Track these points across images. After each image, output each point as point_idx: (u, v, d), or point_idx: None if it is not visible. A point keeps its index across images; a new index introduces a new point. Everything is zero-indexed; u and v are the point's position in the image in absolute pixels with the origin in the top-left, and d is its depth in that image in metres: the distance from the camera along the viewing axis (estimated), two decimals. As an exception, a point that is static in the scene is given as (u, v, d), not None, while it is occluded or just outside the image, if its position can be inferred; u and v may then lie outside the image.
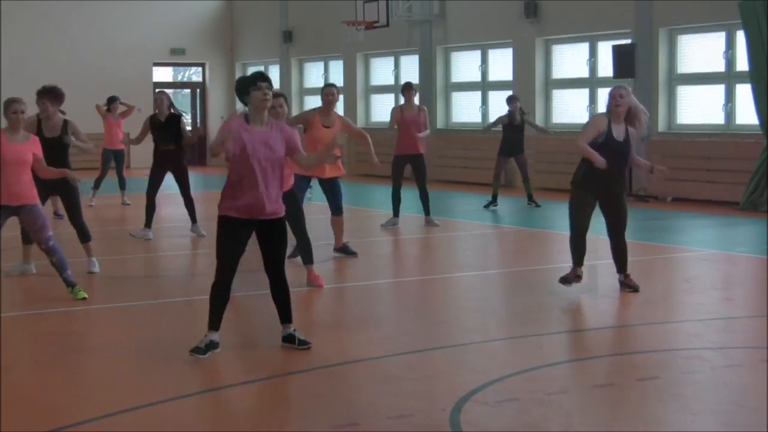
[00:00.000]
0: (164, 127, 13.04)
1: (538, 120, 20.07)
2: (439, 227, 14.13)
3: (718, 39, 17.51)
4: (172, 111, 13.18)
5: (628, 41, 18.11)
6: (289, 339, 7.30)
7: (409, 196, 16.06)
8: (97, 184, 17.51)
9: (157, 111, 13.22)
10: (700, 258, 11.55)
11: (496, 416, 5.84)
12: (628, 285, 9.31)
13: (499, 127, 17.03)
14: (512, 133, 16.76)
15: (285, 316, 7.34)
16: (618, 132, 9.00)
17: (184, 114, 13.80)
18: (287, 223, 7.51)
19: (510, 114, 16.80)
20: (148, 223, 13.08)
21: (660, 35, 17.96)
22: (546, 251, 12.23)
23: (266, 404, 6.26)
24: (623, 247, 9.33)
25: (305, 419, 5.77)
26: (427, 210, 14.35)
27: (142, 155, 13.84)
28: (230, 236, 7.09)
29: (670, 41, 18.10)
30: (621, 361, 6.93)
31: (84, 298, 9.09)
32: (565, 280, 9.32)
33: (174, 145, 13.00)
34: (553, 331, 8.00)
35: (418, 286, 10.16)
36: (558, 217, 15.23)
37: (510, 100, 17.05)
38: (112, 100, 18.09)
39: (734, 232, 13.86)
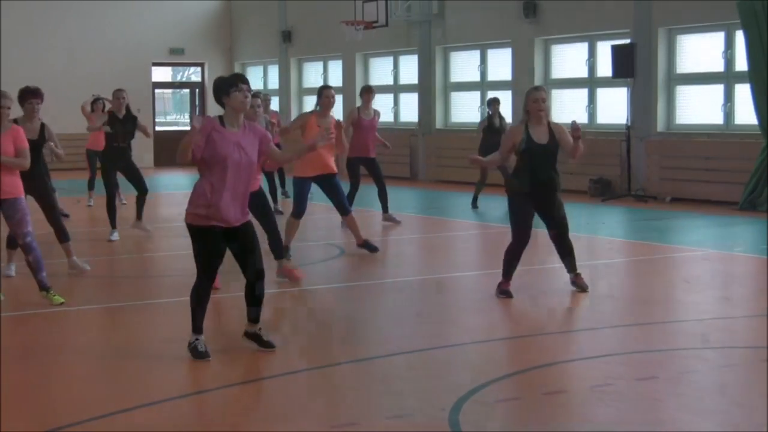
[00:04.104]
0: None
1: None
2: (399, 223, 14.37)
3: (717, 39, 17.50)
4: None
5: (627, 41, 18.11)
6: (253, 337, 7.21)
7: (407, 195, 16.04)
8: (90, 185, 17.61)
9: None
10: (700, 258, 11.55)
11: (496, 416, 5.84)
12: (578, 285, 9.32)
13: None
14: (492, 135, 16.54)
15: (254, 318, 7.18)
16: (540, 135, 8.90)
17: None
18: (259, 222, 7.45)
19: (490, 116, 16.64)
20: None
21: (659, 35, 17.95)
22: (544, 251, 12.20)
23: (266, 404, 6.26)
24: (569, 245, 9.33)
25: (305, 419, 5.76)
26: (385, 207, 14.48)
27: (137, 154, 13.81)
28: (206, 247, 6.90)
29: (669, 41, 18.09)
30: (621, 361, 6.92)
31: (61, 303, 8.81)
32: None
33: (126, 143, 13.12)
34: (553, 331, 8.00)
35: (417, 286, 10.15)
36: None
37: (491, 103, 16.81)
38: (96, 101, 17.85)
39: (733, 232, 13.86)
